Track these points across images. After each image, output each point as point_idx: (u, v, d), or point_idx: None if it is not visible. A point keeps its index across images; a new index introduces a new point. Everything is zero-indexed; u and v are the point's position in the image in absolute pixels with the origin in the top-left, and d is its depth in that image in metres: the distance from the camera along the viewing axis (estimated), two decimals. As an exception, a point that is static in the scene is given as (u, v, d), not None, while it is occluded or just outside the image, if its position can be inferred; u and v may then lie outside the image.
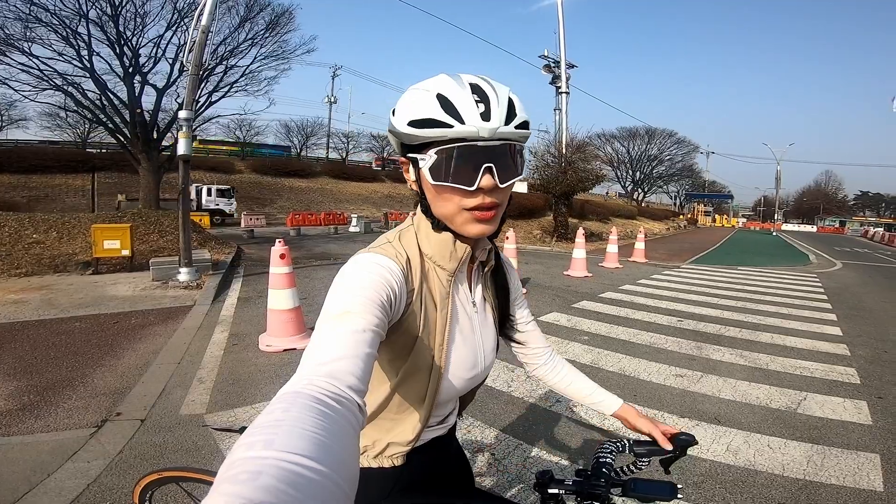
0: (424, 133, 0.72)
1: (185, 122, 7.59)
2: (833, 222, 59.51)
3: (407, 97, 0.76)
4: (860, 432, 3.07)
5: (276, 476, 0.34)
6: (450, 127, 0.71)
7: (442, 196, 0.77)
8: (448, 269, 0.84)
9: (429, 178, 0.75)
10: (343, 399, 0.50)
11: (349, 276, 0.72)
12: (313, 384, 0.51)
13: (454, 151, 0.72)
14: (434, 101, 0.71)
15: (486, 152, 0.72)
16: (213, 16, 7.47)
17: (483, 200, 0.75)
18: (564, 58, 19.58)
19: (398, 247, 0.81)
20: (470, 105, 0.71)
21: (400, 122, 0.75)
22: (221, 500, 0.32)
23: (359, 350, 0.59)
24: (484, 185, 0.73)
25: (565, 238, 17.53)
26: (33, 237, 9.05)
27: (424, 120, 0.72)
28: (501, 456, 2.61)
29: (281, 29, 15.17)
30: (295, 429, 0.41)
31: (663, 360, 4.37)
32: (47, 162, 24.90)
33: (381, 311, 0.68)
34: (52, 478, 2.27)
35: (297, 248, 11.15)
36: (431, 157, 0.73)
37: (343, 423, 0.46)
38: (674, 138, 53.86)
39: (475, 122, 0.70)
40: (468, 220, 0.77)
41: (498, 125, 0.71)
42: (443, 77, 0.75)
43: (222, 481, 0.34)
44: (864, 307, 7.60)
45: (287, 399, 0.47)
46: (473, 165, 0.72)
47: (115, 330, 4.85)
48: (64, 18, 11.51)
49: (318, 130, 46.81)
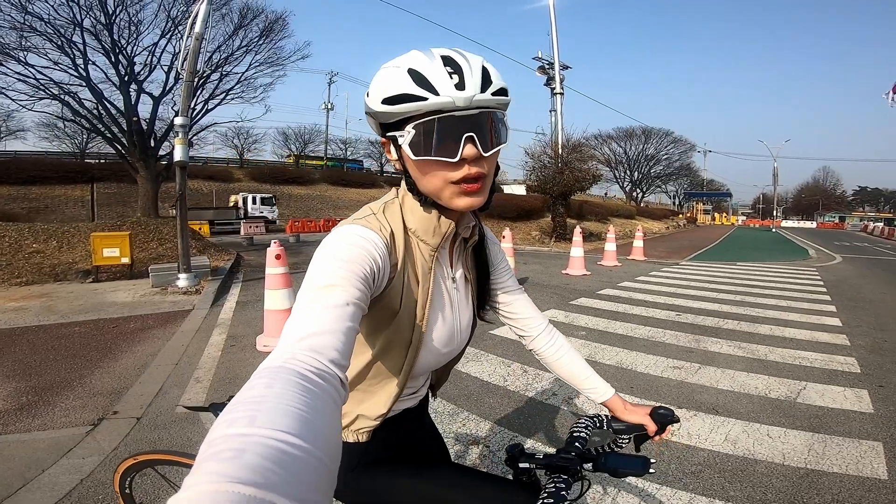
0: (399, 109, 0.72)
1: (181, 128, 7.62)
2: (833, 218, 59.51)
3: (379, 75, 0.75)
4: (861, 420, 3.04)
5: (261, 453, 0.34)
6: (424, 100, 0.70)
7: (426, 171, 0.75)
8: (431, 245, 0.84)
9: (410, 154, 0.74)
10: (326, 374, 0.50)
11: (332, 248, 0.71)
12: (296, 359, 0.50)
13: (433, 124, 0.71)
14: (406, 76, 0.71)
15: (466, 122, 0.71)
16: (206, 23, 7.50)
17: (469, 171, 0.73)
18: (558, 59, 19.68)
19: (382, 219, 0.80)
20: (443, 76, 0.70)
21: (374, 102, 0.75)
22: (205, 478, 0.31)
23: (341, 324, 0.59)
24: (467, 155, 0.72)
25: (564, 238, 17.52)
26: (33, 247, 9.07)
27: (398, 96, 0.71)
28: (496, 448, 2.60)
29: (275, 35, 15.33)
30: (279, 405, 0.40)
31: (661, 353, 4.36)
32: (46, 173, 24.96)
33: (363, 285, 0.67)
34: (45, 473, 2.28)
35: (296, 255, 11.14)
36: (409, 132, 0.72)
37: (326, 399, 0.46)
38: (670, 137, 54.00)
39: (450, 93, 0.69)
40: (455, 193, 0.76)
41: (473, 93, 0.70)
42: (413, 52, 0.74)
43: (205, 459, 0.33)
44: (864, 298, 7.58)
45: (269, 374, 0.46)
46: (454, 136, 0.71)
47: (114, 333, 4.86)
48: (59, 27, 11.60)
49: (315, 137, 47.01)
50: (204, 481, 0.31)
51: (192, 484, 0.31)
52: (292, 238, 18.03)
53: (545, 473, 0.89)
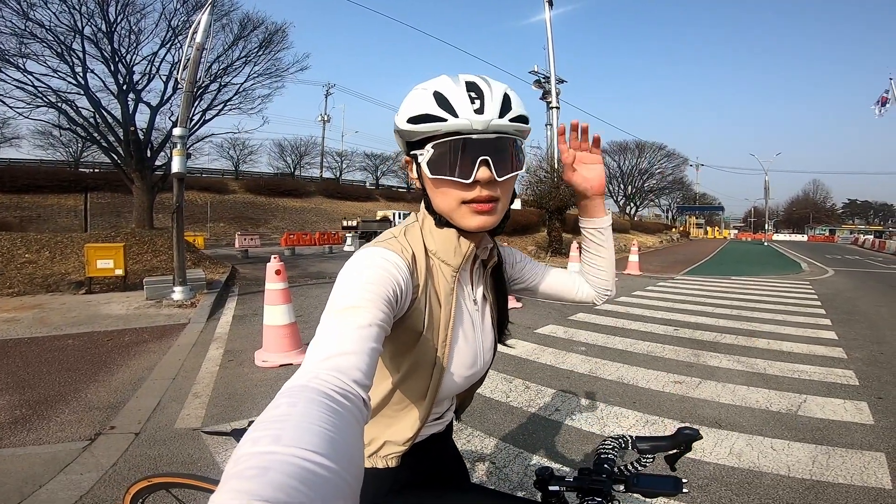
0: (421, 128, 0.75)
1: (179, 139, 7.63)
2: (823, 231, 60.20)
3: (409, 96, 0.78)
4: (863, 432, 3.07)
5: (285, 472, 0.34)
6: (443, 121, 0.73)
7: (441, 190, 0.78)
8: (453, 265, 0.84)
9: (427, 172, 0.76)
10: (349, 394, 0.50)
11: (355, 270, 0.72)
12: (319, 378, 0.50)
13: (449, 145, 0.74)
14: (430, 98, 0.74)
15: (482, 145, 0.74)
16: (207, 33, 7.56)
17: (480, 193, 0.75)
18: (554, 74, 19.93)
19: (404, 242, 0.81)
20: (464, 100, 0.73)
21: (401, 120, 0.78)
22: (229, 496, 0.31)
23: (364, 345, 0.59)
24: (480, 178, 0.74)
25: (560, 253, 17.59)
26: (25, 257, 8.98)
27: (421, 115, 0.74)
28: (502, 464, 2.58)
29: (274, 47, 15.43)
30: (302, 423, 0.40)
31: (661, 368, 4.37)
32: (39, 181, 24.84)
33: (386, 306, 0.67)
34: (44, 489, 2.24)
35: (292, 268, 11.10)
36: (429, 151, 0.75)
37: (349, 418, 0.46)
38: (663, 151, 54.72)
39: (468, 115, 0.72)
40: (467, 212, 0.78)
41: (491, 118, 0.73)
42: (442, 77, 0.78)
43: (230, 477, 0.34)
44: (858, 311, 7.65)
45: (293, 393, 0.46)
46: (470, 158, 0.74)
47: (109, 347, 4.79)
48: (59, 34, 11.60)
49: (311, 150, 47.01)
50: (228, 499, 0.31)
51: (216, 502, 0.32)
52: (287, 251, 17.98)
53: (576, 496, 0.88)
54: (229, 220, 28.51)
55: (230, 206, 30.69)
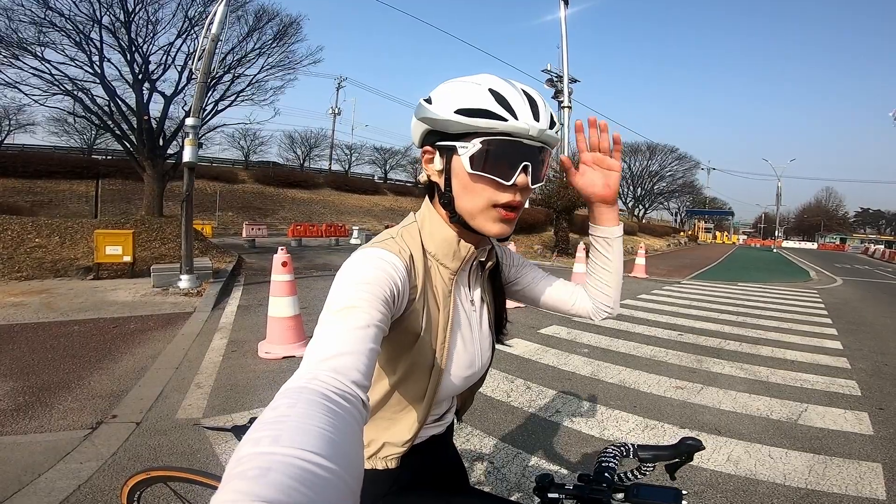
0: (474, 122, 0.73)
1: (191, 129, 7.67)
2: (834, 239, 59.47)
3: (451, 86, 0.76)
4: (861, 442, 3.06)
5: (286, 472, 0.34)
6: (504, 120, 0.72)
7: (473, 189, 0.76)
8: (451, 268, 0.84)
9: (467, 166, 0.75)
10: (348, 395, 0.50)
11: (353, 270, 0.71)
12: (318, 379, 0.50)
13: (502, 144, 0.74)
14: (487, 94, 0.73)
15: (529, 151, 0.75)
16: (222, 24, 7.58)
17: (514, 197, 0.76)
18: (567, 73, 19.80)
19: (402, 243, 0.81)
20: (523, 103, 0.74)
21: (443, 110, 0.75)
22: (231, 496, 0.32)
23: (363, 345, 0.59)
24: (519, 182, 0.75)
25: (566, 253, 17.54)
26: (35, 241, 9.07)
27: (477, 110, 0.73)
28: (500, 464, 2.58)
29: (288, 39, 15.39)
30: (301, 425, 0.40)
31: (663, 373, 4.35)
32: (52, 167, 24.95)
33: (384, 307, 0.67)
34: (42, 478, 2.25)
35: (298, 259, 11.13)
36: (476, 145, 0.74)
37: (349, 419, 0.46)
38: (675, 154, 54.11)
39: (528, 121, 0.73)
40: (493, 217, 0.78)
41: (545, 127, 0.75)
42: (490, 75, 0.77)
43: (231, 478, 0.34)
44: (865, 322, 7.57)
45: (291, 394, 0.46)
46: (514, 161, 0.75)
47: (114, 334, 4.84)
48: (78, 24, 11.67)
49: (321, 142, 47.01)
50: (230, 500, 0.32)
51: (218, 502, 0.32)
52: (294, 242, 18.05)
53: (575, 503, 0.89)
54: (238, 210, 28.57)
55: (239, 196, 30.73)
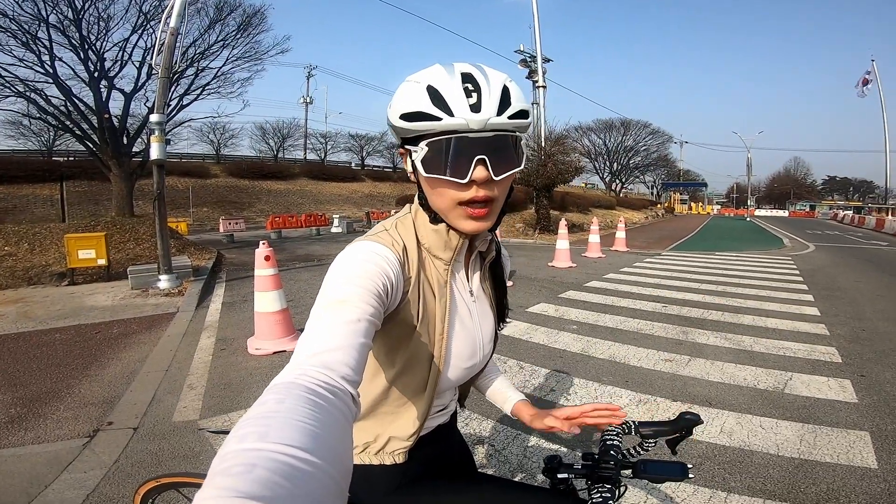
0: (415, 126, 0.72)
1: (156, 125, 7.39)
2: (804, 207, 61.16)
3: (401, 89, 0.74)
4: (847, 410, 3.13)
5: (271, 468, 0.34)
6: (438, 120, 0.70)
7: (436, 189, 0.76)
8: (444, 259, 0.84)
9: (421, 170, 0.74)
10: (337, 390, 0.50)
11: (345, 265, 0.71)
12: (307, 374, 0.50)
13: (445, 144, 0.71)
14: (424, 94, 0.70)
15: (479, 144, 0.71)
16: (181, 17, 7.27)
17: (477, 193, 0.73)
18: (540, 52, 19.69)
19: (395, 235, 0.80)
20: (459, 96, 0.70)
21: (393, 116, 0.74)
22: (214, 493, 0.32)
23: (353, 340, 0.59)
24: (477, 178, 0.71)
25: (548, 230, 17.67)
26: (4, 249, 8.73)
27: (414, 113, 0.71)
28: (501, 447, 2.62)
29: (253, 30, 14.86)
30: (289, 420, 0.40)
31: (651, 346, 4.45)
32: (12, 171, 23.90)
33: (376, 301, 0.67)
34: (50, 489, 2.23)
35: (279, 251, 10.94)
36: (423, 149, 0.72)
37: (337, 415, 0.46)
38: (648, 129, 54.60)
39: (464, 115, 0.69)
40: (461, 215, 0.76)
41: (489, 116, 0.70)
42: (436, 67, 0.74)
43: (215, 474, 0.34)
44: (839, 287, 7.84)
45: (280, 390, 0.46)
46: (466, 158, 0.71)
47: (98, 340, 4.72)
48: (23, 23, 11.05)
49: (294, 132, 46.01)
50: (214, 496, 0.31)
51: (202, 498, 0.32)
52: (273, 234, 17.77)
53: (585, 482, 0.91)
54: (212, 205, 27.93)
55: (212, 191, 30.04)
